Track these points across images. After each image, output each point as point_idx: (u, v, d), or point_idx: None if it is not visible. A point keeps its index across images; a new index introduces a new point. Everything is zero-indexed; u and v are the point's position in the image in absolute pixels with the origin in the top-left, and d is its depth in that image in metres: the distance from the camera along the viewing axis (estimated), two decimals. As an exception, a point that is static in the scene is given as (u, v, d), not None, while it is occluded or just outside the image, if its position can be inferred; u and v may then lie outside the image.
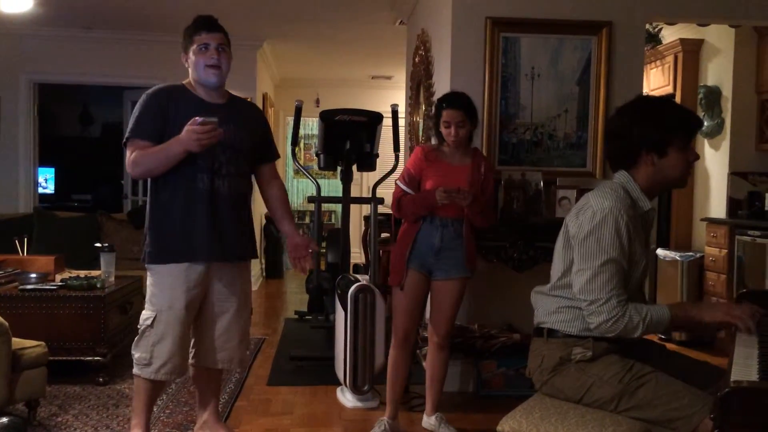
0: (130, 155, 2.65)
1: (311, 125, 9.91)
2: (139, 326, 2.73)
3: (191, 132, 2.51)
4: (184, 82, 2.78)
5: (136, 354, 2.73)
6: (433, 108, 3.09)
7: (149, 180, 2.73)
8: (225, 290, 2.78)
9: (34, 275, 3.97)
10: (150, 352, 2.69)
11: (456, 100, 3.00)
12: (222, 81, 2.73)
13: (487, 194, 3.03)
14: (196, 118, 2.52)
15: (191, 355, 2.86)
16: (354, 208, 6.45)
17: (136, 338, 2.74)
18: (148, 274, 2.74)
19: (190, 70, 2.75)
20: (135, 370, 2.74)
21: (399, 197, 3.04)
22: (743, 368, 1.69)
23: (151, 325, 2.68)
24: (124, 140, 2.69)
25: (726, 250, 4.81)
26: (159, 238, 2.69)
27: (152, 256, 2.70)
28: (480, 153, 3.21)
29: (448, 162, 3.02)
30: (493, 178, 3.13)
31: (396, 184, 3.09)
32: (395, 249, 3.12)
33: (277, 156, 3.01)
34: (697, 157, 2.15)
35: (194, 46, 2.68)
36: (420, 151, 3.07)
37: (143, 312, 2.74)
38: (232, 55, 2.76)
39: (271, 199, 2.96)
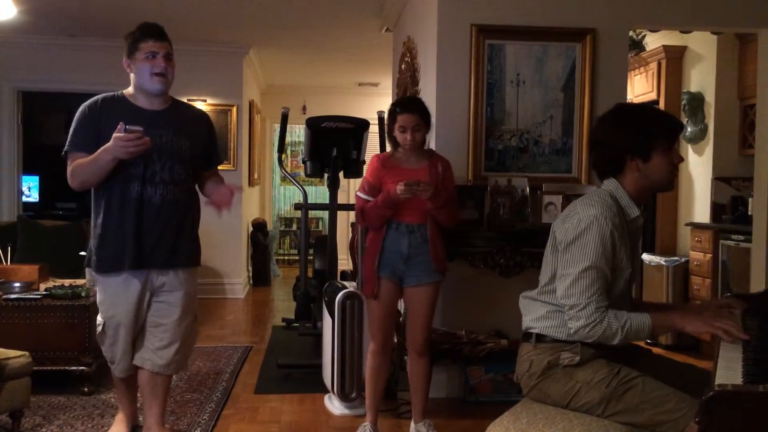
0: (68, 168, 2.73)
1: (298, 132, 9.91)
2: (96, 328, 2.91)
3: (117, 140, 2.56)
4: (124, 91, 2.81)
5: (103, 351, 2.93)
6: (387, 114, 3.10)
7: (92, 190, 2.80)
8: (167, 297, 2.81)
9: (17, 284, 3.92)
10: (110, 352, 2.87)
11: (411, 104, 3.03)
12: (167, 88, 2.78)
13: (448, 191, 3.05)
14: (121, 125, 2.57)
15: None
16: (341, 215, 6.44)
17: (97, 337, 2.94)
18: (96, 280, 2.86)
19: (132, 76, 2.78)
20: (109, 364, 2.97)
21: (362, 206, 3.04)
22: (728, 372, 1.70)
23: (103, 330, 2.86)
24: (63, 153, 2.75)
25: (710, 255, 4.85)
26: (98, 248, 2.77)
27: (95, 266, 2.79)
28: (436, 153, 3.24)
29: (405, 167, 3.04)
30: (452, 175, 3.15)
31: (357, 195, 3.09)
32: (364, 260, 3.11)
33: (218, 163, 3.05)
34: (681, 159, 2.18)
35: (141, 54, 2.71)
36: (376, 159, 3.09)
37: (98, 315, 2.90)
38: (175, 64, 2.81)
39: (206, 187, 2.96)
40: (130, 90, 2.82)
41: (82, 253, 4.16)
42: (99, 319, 2.89)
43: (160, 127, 2.68)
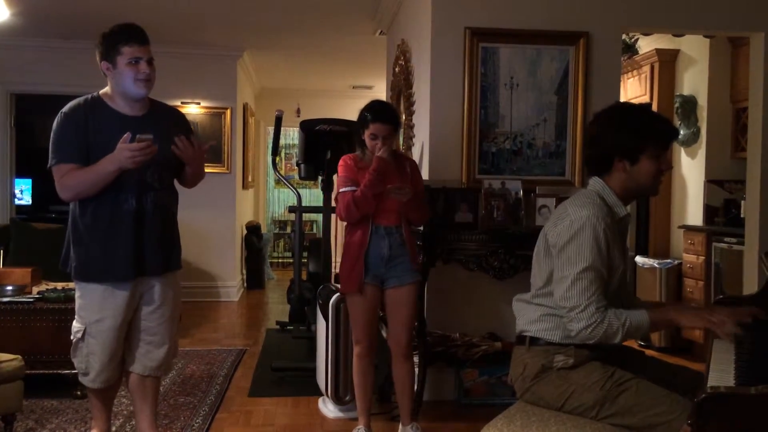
0: (58, 180, 2.60)
1: (292, 135, 9.90)
2: (71, 337, 2.75)
3: (125, 149, 2.48)
4: (100, 92, 2.70)
5: (75, 362, 2.77)
6: (357, 117, 3.08)
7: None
8: (154, 301, 2.75)
9: (10, 288, 3.90)
10: (86, 363, 2.72)
11: (384, 113, 3.02)
12: (149, 92, 2.68)
13: (418, 190, 3.09)
14: (128, 134, 2.48)
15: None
16: (335, 218, 6.44)
17: (72, 348, 2.75)
18: (76, 286, 2.73)
19: (111, 80, 2.66)
20: (79, 377, 2.80)
21: (350, 197, 2.97)
22: (720, 374, 1.71)
23: (82, 338, 2.71)
24: (49, 166, 2.62)
25: (703, 257, 4.87)
26: (84, 257, 2.65)
27: (78, 273, 2.68)
28: (402, 154, 3.25)
29: None
30: (420, 175, 3.20)
31: (341, 192, 3.03)
32: (346, 258, 3.08)
33: None
34: (669, 166, 2.18)
35: (123, 58, 2.59)
36: (349, 158, 3.10)
37: (74, 323, 2.75)
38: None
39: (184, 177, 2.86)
40: (107, 92, 2.68)
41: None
42: (77, 325, 2.72)
43: (147, 134, 2.58)
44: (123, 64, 2.60)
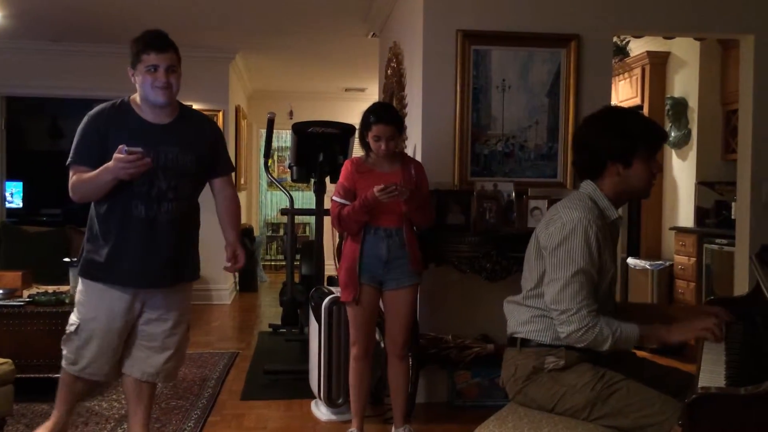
0: (70, 180, 2.64)
1: (284, 137, 9.89)
2: (66, 328, 2.73)
3: (117, 161, 2.48)
4: (131, 97, 2.70)
5: (64, 351, 2.74)
6: (361, 120, 3.08)
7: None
8: (159, 308, 2.72)
9: (0, 291, 3.89)
10: (75, 354, 2.70)
11: (386, 114, 3.03)
12: (171, 100, 2.66)
13: (423, 192, 3.10)
14: (122, 146, 2.48)
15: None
16: (328, 220, 6.43)
17: (63, 336, 2.73)
18: (80, 280, 2.73)
19: (137, 86, 2.66)
20: (63, 364, 2.75)
21: (338, 210, 3.03)
22: (711, 374, 1.72)
23: (75, 332, 2.69)
24: (67, 164, 2.66)
25: (695, 259, 4.89)
26: (91, 255, 2.66)
27: (82, 269, 2.69)
28: (407, 156, 3.25)
29: (379, 171, 3.06)
30: (426, 177, 3.19)
31: (332, 200, 3.08)
32: (342, 265, 3.10)
33: (231, 170, 2.94)
34: (660, 169, 2.20)
35: (143, 66, 2.59)
36: (350, 164, 3.11)
37: (71, 315, 2.74)
38: (181, 72, 2.69)
39: (218, 209, 2.91)
40: (136, 98, 2.68)
41: (66, 259, 4.15)
42: (73, 318, 2.70)
43: (167, 143, 2.60)
44: (142, 71, 2.60)
